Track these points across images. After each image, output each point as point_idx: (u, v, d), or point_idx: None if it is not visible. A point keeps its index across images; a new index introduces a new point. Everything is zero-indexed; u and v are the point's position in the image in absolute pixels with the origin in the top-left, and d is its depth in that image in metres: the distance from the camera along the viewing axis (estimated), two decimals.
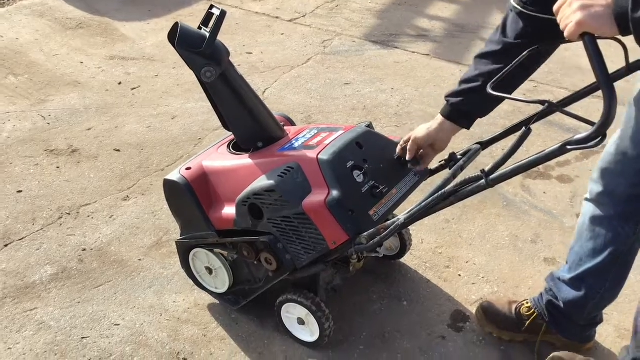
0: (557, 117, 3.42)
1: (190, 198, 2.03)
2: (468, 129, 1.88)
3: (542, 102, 1.34)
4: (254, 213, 1.90)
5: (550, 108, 1.36)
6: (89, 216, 2.73)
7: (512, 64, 1.57)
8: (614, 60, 1.42)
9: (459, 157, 1.98)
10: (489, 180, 1.45)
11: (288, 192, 1.81)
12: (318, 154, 1.85)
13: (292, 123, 2.35)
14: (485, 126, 3.41)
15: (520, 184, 3.00)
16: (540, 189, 2.98)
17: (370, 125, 2.13)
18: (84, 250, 2.53)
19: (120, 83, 3.88)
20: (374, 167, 1.91)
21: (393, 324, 2.22)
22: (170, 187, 2.08)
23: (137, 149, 3.22)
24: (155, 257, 2.50)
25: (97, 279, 2.39)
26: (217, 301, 2.28)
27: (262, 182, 1.87)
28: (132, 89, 3.84)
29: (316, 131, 2.06)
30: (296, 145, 1.97)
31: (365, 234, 1.74)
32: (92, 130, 3.38)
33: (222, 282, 2.18)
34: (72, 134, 3.34)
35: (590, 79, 1.23)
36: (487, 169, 1.45)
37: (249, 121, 2.00)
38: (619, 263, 1.84)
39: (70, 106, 3.61)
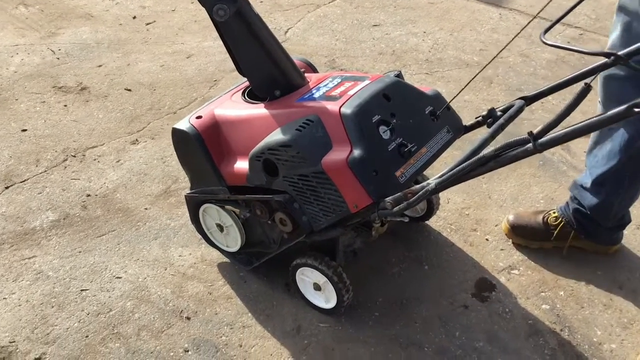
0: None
1: (201, 150, 1.87)
2: None
3: (607, 55, 1.13)
4: (268, 169, 1.74)
5: (617, 62, 1.14)
6: (95, 159, 2.60)
7: (567, 10, 1.35)
8: None
9: (498, 113, 1.79)
10: (538, 144, 1.26)
11: (306, 148, 1.64)
12: (341, 106, 1.67)
13: (313, 69, 2.16)
14: (524, 76, 3.18)
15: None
16: (580, 148, 2.76)
17: (399, 75, 1.93)
18: (88, 195, 2.41)
19: (134, 17, 3.69)
20: (402, 122, 1.72)
21: (412, 290, 2.08)
22: (178, 137, 1.92)
23: (149, 89, 3.06)
24: (162, 206, 2.37)
25: (100, 227, 2.27)
26: (225, 258, 2.15)
27: (278, 135, 1.70)
28: (147, 24, 3.65)
29: (339, 80, 1.86)
30: (317, 95, 1.79)
31: (390, 198, 1.57)
32: (103, 68, 3.22)
33: (234, 240, 2.05)
34: (82, 71, 3.18)
35: None
36: (535, 131, 1.26)
37: (265, 67, 1.82)
38: (634, 163, 1.90)
39: (82, 40, 3.44)
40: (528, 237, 2.22)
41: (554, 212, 2.20)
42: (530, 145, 1.28)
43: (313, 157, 1.63)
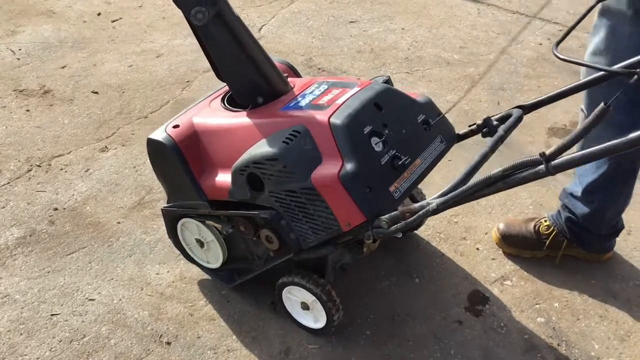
0: None
1: (178, 162, 1.76)
2: None
3: (629, 74, 1.05)
4: (253, 184, 1.64)
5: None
6: (62, 169, 2.45)
7: (579, 19, 1.27)
8: None
9: (494, 122, 1.71)
10: (551, 167, 1.18)
11: (294, 162, 1.54)
12: (330, 116, 1.57)
13: (295, 73, 2.06)
14: (506, 74, 3.12)
15: (545, 143, 2.74)
16: (568, 150, 2.71)
17: (388, 81, 1.84)
18: (56, 209, 2.26)
19: (99, 14, 3.51)
20: (394, 133, 1.63)
21: (404, 305, 1.99)
22: (154, 148, 1.80)
23: (117, 92, 2.90)
24: (136, 219, 2.24)
25: (70, 244, 2.13)
26: (205, 275, 2.03)
27: (263, 148, 1.60)
28: (113, 21, 3.48)
29: (326, 86, 1.76)
30: (303, 103, 1.69)
31: (386, 216, 1.48)
32: (67, 69, 3.05)
33: (214, 256, 1.94)
34: (44, 72, 3.01)
35: None
36: (548, 152, 1.17)
37: (247, 72, 1.72)
38: (623, 169, 1.87)
39: (44, 39, 3.26)
40: (520, 246, 2.17)
41: (546, 221, 2.15)
42: (542, 167, 1.20)
43: (302, 172, 1.53)
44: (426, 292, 2.05)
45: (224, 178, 1.74)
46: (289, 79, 1.90)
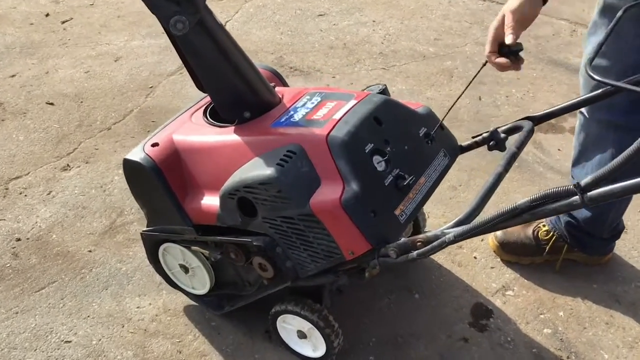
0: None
1: (159, 184, 1.62)
2: None
3: None
4: (244, 209, 1.52)
5: None
6: (21, 193, 2.25)
7: (609, 30, 1.18)
8: None
9: (502, 135, 1.62)
10: (587, 198, 1.08)
11: (290, 187, 1.42)
12: (328, 134, 1.45)
13: (282, 81, 1.95)
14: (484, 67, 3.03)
15: (531, 140, 2.66)
16: (554, 146, 2.66)
17: (385, 90, 1.73)
18: (19, 240, 2.07)
19: (47, 15, 3.28)
20: (397, 149, 1.53)
21: (406, 325, 1.90)
22: (131, 170, 1.66)
23: (74, 102, 2.70)
24: (109, 246, 2.07)
25: (38, 279, 1.96)
26: (192, 303, 1.90)
27: (255, 170, 1.47)
28: (63, 22, 3.25)
29: (319, 98, 1.64)
30: (296, 118, 1.56)
31: (394, 244, 1.38)
32: (18, 78, 2.82)
33: (201, 282, 1.81)
34: None
35: None
36: (583, 182, 1.08)
37: (232, 85, 1.59)
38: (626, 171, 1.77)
39: None
40: (518, 253, 2.11)
41: (544, 226, 2.09)
42: (576, 198, 1.10)
43: (299, 197, 1.42)
44: (427, 308, 1.96)
45: (210, 201, 1.61)
46: (277, 89, 1.77)
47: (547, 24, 3.47)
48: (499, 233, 2.13)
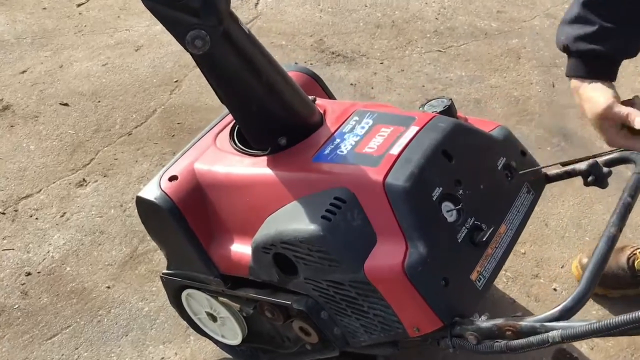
0: None
1: (179, 228, 1.40)
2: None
3: None
4: (282, 265, 1.26)
5: None
6: (31, 215, 2.05)
7: None
8: None
9: (604, 170, 1.32)
10: None
11: (339, 247, 1.17)
12: (385, 177, 1.18)
13: (322, 87, 1.68)
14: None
15: None
16: None
17: (451, 106, 1.42)
18: (29, 274, 1.88)
19: None
20: (471, 191, 1.25)
21: None
22: (146, 210, 1.45)
23: (91, 101, 2.47)
24: (130, 281, 1.86)
25: (50, 323, 1.76)
26: (224, 353, 1.67)
27: (294, 222, 1.23)
28: (79, 4, 3.01)
29: (371, 121, 1.37)
30: (344, 149, 1.30)
31: (474, 326, 1.12)
32: (29, 74, 2.60)
33: (231, 332, 1.60)
34: (0, 81, 2.56)
35: None
36: None
37: (265, 108, 1.34)
38: None
39: None
40: (608, 285, 1.82)
41: None
42: None
43: (350, 260, 1.17)
44: (503, 358, 1.70)
45: (241, 249, 1.38)
46: (317, 102, 1.50)
47: None
48: (584, 260, 1.84)
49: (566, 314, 1.03)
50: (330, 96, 1.69)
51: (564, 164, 1.41)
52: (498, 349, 1.08)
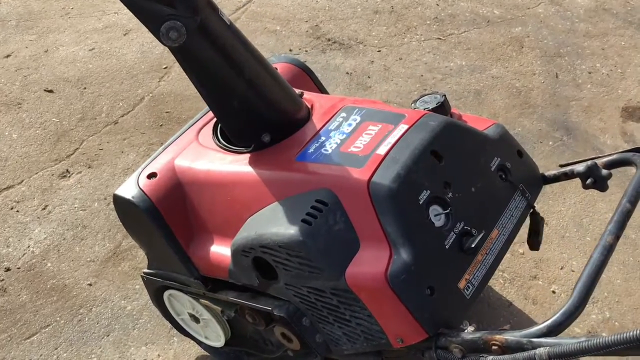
0: None
1: (158, 228, 1.38)
2: None
3: None
4: (262, 269, 1.23)
5: None
6: (12, 208, 2.01)
7: None
8: None
9: (603, 172, 1.27)
10: None
11: (319, 253, 1.15)
12: (370, 178, 1.14)
13: (312, 79, 1.64)
14: (561, 34, 2.63)
15: (620, 130, 2.29)
16: None
17: (443, 104, 1.37)
18: (7, 270, 1.85)
19: None
20: (461, 194, 1.21)
21: None
22: (124, 209, 1.42)
23: (77, 88, 2.42)
24: (112, 278, 1.82)
25: (28, 322, 1.73)
26: (208, 355, 1.64)
27: (274, 225, 1.20)
28: None
29: (359, 118, 1.33)
30: (328, 148, 1.27)
31: (459, 338, 1.09)
32: (13, 58, 2.55)
33: (214, 334, 1.56)
34: None
35: None
36: None
37: (247, 103, 1.30)
38: None
39: None
40: None
41: None
42: None
43: (331, 266, 1.15)
44: None
45: (221, 250, 1.36)
46: (305, 95, 1.45)
47: None
48: None
49: (555, 329, 0.99)
50: (321, 89, 1.65)
51: (562, 165, 1.37)
52: None
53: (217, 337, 1.57)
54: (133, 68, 2.51)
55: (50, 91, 2.41)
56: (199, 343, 1.66)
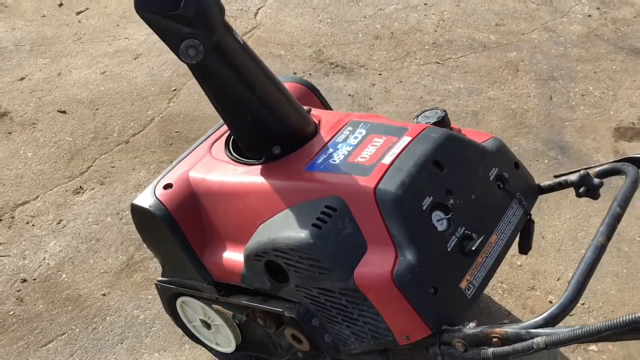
0: None
1: (173, 235, 1.44)
2: None
3: None
4: (274, 273, 1.30)
5: None
6: (28, 222, 2.08)
7: None
8: None
9: (595, 181, 1.35)
10: None
11: (329, 255, 1.21)
12: (376, 186, 1.22)
13: (319, 98, 1.72)
14: (554, 58, 2.73)
15: (613, 149, 2.37)
16: None
17: (444, 118, 1.46)
18: (24, 281, 1.91)
19: (61, 4, 3.09)
20: (462, 201, 1.28)
21: None
22: (141, 218, 1.49)
23: (89, 109, 2.51)
24: (125, 288, 1.89)
25: (44, 330, 1.79)
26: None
27: (286, 230, 1.27)
28: (78, 12, 3.05)
29: (364, 131, 1.40)
30: (336, 159, 1.34)
31: (462, 334, 1.16)
32: (27, 81, 2.64)
33: (225, 340, 1.62)
34: None
35: None
36: None
37: (259, 117, 1.38)
38: None
39: None
40: None
41: None
42: None
43: (340, 268, 1.21)
44: None
45: (234, 256, 1.42)
46: (312, 112, 1.54)
47: (626, 4, 3.10)
48: None
49: (552, 321, 1.06)
50: (326, 107, 1.74)
51: (557, 176, 1.45)
52: (484, 356, 1.11)
53: (228, 343, 1.63)
54: (143, 90, 2.60)
55: (64, 112, 2.50)
56: (210, 350, 1.71)
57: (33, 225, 2.08)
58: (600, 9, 3.07)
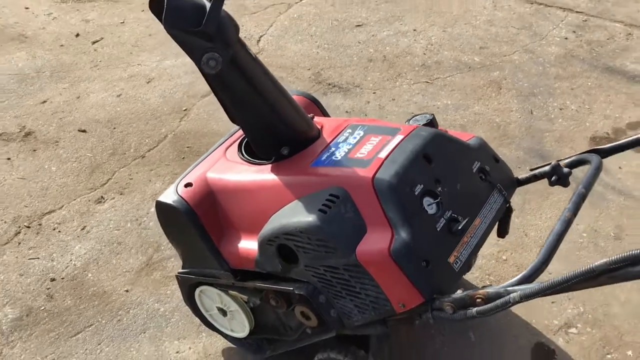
0: None
1: (194, 228, 1.59)
2: None
3: None
4: (285, 256, 1.47)
5: None
6: (54, 229, 2.25)
7: None
8: None
9: (565, 170, 1.54)
10: None
11: (334, 235, 1.37)
12: (374, 175, 1.40)
13: (320, 108, 1.90)
14: (534, 77, 2.95)
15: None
16: (614, 163, 2.54)
17: (432, 120, 1.66)
18: (53, 280, 2.07)
19: (77, 35, 3.29)
20: (449, 189, 1.46)
21: None
22: (165, 213, 1.64)
23: (107, 128, 2.70)
24: (146, 285, 2.05)
25: (73, 322, 1.94)
26: (233, 346, 1.86)
27: (296, 216, 1.43)
28: (94, 42, 3.26)
29: (362, 132, 1.58)
30: (338, 156, 1.51)
31: (450, 298, 1.32)
32: (49, 104, 2.83)
33: (240, 325, 1.77)
34: (23, 110, 2.80)
35: None
36: None
37: (269, 121, 1.56)
38: None
39: (18, 70, 3.04)
40: None
41: None
42: None
43: (344, 246, 1.37)
44: (485, 351, 1.89)
45: (248, 245, 1.58)
46: (315, 119, 1.73)
47: (600, 28, 3.33)
48: None
49: (525, 280, 1.24)
50: (327, 116, 1.93)
51: (532, 169, 1.64)
52: (470, 315, 1.28)
53: (242, 328, 1.78)
54: (156, 110, 2.80)
55: (84, 131, 2.69)
56: (225, 336, 1.86)
57: (59, 231, 2.25)
58: (576, 32, 3.30)
